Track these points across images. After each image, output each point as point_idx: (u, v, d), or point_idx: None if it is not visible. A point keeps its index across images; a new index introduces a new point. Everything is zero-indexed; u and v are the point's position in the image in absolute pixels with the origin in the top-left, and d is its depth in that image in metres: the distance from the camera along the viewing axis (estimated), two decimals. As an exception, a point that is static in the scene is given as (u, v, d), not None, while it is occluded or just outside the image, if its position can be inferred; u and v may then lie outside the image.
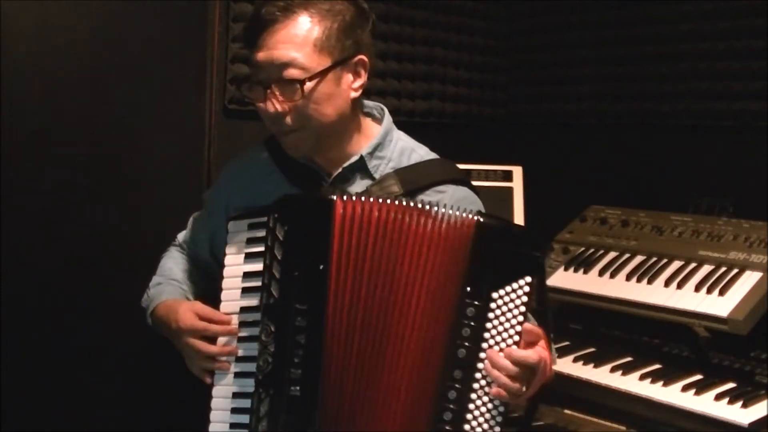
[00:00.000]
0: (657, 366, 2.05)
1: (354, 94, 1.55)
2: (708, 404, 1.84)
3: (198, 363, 1.54)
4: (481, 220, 1.43)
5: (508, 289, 1.40)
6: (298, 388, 1.44)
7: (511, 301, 1.40)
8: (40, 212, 1.96)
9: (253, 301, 1.50)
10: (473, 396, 1.40)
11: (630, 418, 1.92)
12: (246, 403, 1.49)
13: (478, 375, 1.40)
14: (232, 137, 2.23)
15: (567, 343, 2.22)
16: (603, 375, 2.03)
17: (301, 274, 1.45)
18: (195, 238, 1.80)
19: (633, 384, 1.97)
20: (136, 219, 2.11)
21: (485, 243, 1.42)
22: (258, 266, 1.49)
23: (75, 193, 2.01)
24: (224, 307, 1.53)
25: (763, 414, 1.77)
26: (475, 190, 1.68)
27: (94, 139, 2.02)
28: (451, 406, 1.41)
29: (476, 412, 1.40)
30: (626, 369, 2.03)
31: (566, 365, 2.09)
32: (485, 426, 1.41)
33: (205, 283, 1.75)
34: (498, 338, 1.40)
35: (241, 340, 1.51)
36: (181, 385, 1.60)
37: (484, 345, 1.40)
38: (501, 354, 1.39)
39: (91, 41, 1.99)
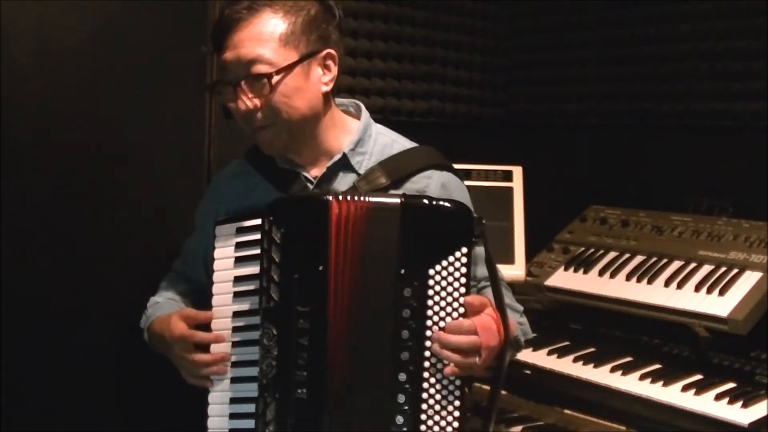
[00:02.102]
0: (657, 366, 2.05)
1: (325, 88, 1.56)
2: (708, 404, 1.84)
3: (193, 372, 1.54)
4: (405, 201, 1.45)
5: (444, 263, 1.41)
6: (304, 390, 1.44)
7: (450, 275, 1.41)
8: (40, 212, 1.96)
9: (246, 305, 1.50)
10: (425, 375, 1.40)
11: (630, 418, 1.92)
12: (245, 408, 1.49)
13: (426, 353, 1.41)
14: (232, 137, 2.22)
15: (567, 343, 2.22)
16: (603, 375, 2.03)
17: (301, 276, 1.45)
18: (189, 262, 1.79)
19: (633, 384, 1.97)
20: (136, 219, 2.10)
21: (413, 222, 1.43)
22: (250, 270, 1.49)
23: (75, 193, 2.01)
24: (216, 312, 1.53)
25: (763, 414, 1.77)
26: (459, 174, 1.68)
27: (94, 139, 2.02)
28: (405, 387, 1.41)
29: (431, 390, 1.40)
30: (626, 369, 2.03)
31: (566, 365, 2.09)
32: (443, 402, 1.41)
33: (204, 302, 1.73)
34: (442, 313, 1.41)
35: (235, 345, 1.51)
36: (180, 386, 1.59)
37: (428, 323, 1.41)
38: (443, 331, 1.40)
39: (91, 41, 1.99)
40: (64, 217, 1.99)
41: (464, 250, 1.41)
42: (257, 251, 1.48)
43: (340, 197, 1.45)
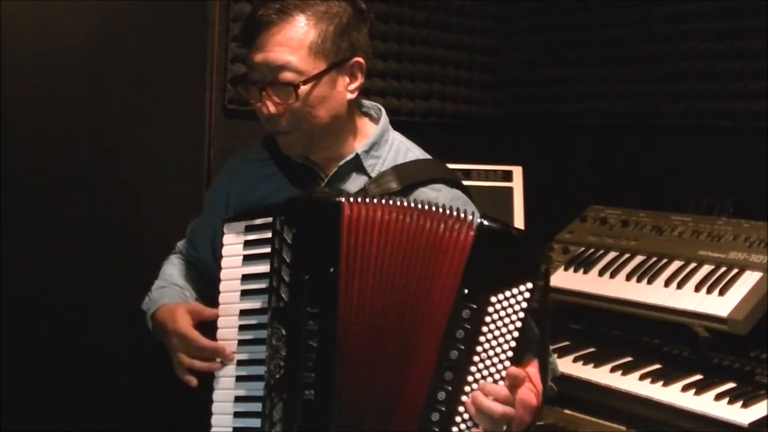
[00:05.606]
0: (657, 366, 2.06)
1: (350, 96, 1.55)
2: (708, 404, 1.84)
3: (183, 363, 1.54)
4: (485, 223, 1.42)
5: (507, 294, 1.38)
6: (312, 391, 1.43)
7: (510, 306, 1.38)
8: (40, 212, 1.96)
9: (254, 304, 1.50)
10: (463, 398, 1.39)
11: (630, 418, 1.92)
12: (250, 407, 1.48)
13: (469, 378, 1.39)
14: (232, 137, 2.23)
15: (567, 343, 2.23)
16: (603, 375, 2.03)
17: (311, 277, 1.44)
18: (195, 243, 1.79)
19: (633, 384, 1.97)
20: (136, 219, 2.11)
21: (486, 246, 1.41)
22: (259, 269, 1.49)
23: (75, 193, 2.01)
24: (223, 309, 1.53)
25: (763, 414, 1.78)
26: (467, 192, 1.68)
27: (94, 139, 2.03)
28: (440, 407, 1.40)
29: (465, 415, 1.39)
30: (626, 369, 2.03)
31: (566, 365, 2.09)
32: (474, 430, 1.39)
33: (208, 287, 1.74)
34: (494, 342, 1.39)
35: (242, 343, 1.51)
36: (181, 386, 1.59)
37: (478, 348, 1.39)
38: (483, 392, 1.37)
39: (91, 41, 1.99)
40: (64, 216, 1.99)
41: (529, 285, 1.38)
42: (266, 250, 1.48)
43: (352, 200, 1.44)
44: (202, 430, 1.52)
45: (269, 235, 1.48)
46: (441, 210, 1.43)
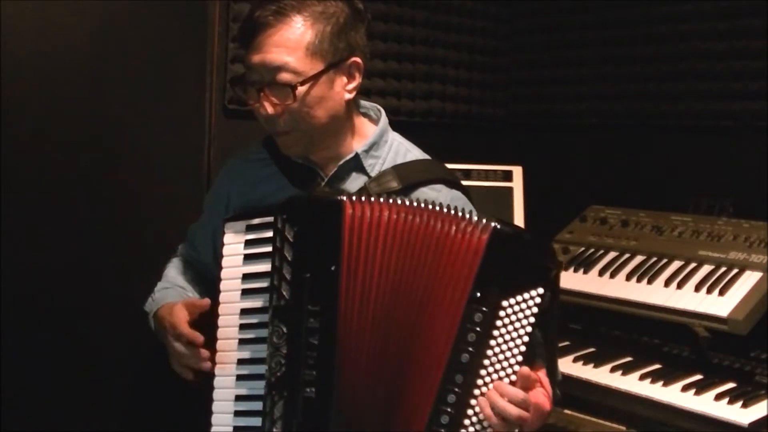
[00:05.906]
0: (657, 366, 2.06)
1: (348, 96, 1.55)
2: (708, 404, 1.84)
3: (180, 361, 1.54)
4: (498, 226, 1.41)
5: (519, 298, 1.38)
6: (313, 389, 1.43)
7: (521, 311, 1.38)
8: (40, 212, 1.96)
9: (255, 303, 1.50)
10: (472, 402, 1.39)
11: (630, 418, 1.92)
12: (251, 405, 1.49)
13: (479, 381, 1.39)
14: (232, 137, 2.23)
15: (567, 343, 2.22)
16: (603, 375, 2.03)
17: (312, 275, 1.44)
18: (195, 244, 1.80)
19: (633, 384, 1.97)
20: (136, 219, 2.11)
21: (500, 250, 1.40)
22: (260, 268, 1.49)
23: (75, 193, 2.01)
24: (223, 309, 1.53)
25: (763, 414, 1.78)
26: (467, 192, 1.68)
27: (94, 139, 2.03)
28: (449, 410, 1.40)
29: (474, 419, 1.39)
30: (626, 369, 2.03)
31: (566, 365, 2.09)
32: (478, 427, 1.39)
33: (208, 288, 1.73)
34: (504, 347, 1.39)
35: (243, 342, 1.51)
36: (181, 386, 1.60)
37: (489, 352, 1.39)
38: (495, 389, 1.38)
39: (91, 41, 1.99)
40: (64, 216, 1.99)
41: (540, 290, 1.38)
42: (267, 249, 1.48)
43: (354, 198, 1.45)
44: (202, 429, 1.53)
45: (270, 234, 1.48)
46: (453, 212, 1.43)
